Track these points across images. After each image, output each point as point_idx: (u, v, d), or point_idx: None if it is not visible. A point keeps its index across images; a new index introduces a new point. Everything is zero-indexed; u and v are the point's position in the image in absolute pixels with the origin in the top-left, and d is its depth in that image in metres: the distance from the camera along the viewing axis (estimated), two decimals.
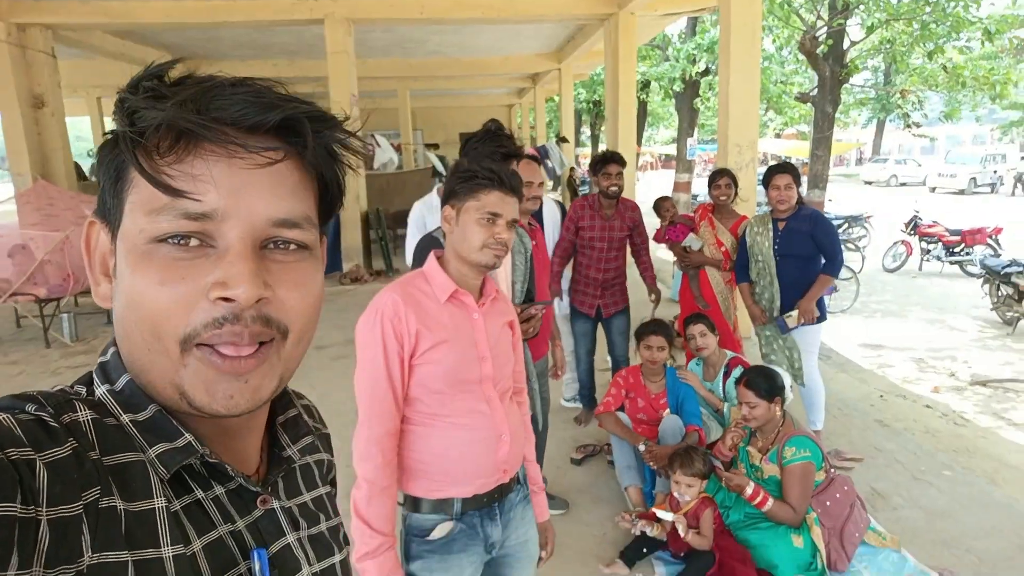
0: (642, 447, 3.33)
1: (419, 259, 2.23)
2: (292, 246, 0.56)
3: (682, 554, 2.93)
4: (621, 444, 3.48)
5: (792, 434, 3.03)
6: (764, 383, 3.03)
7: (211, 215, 0.52)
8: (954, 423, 5.46)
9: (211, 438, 0.59)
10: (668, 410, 3.58)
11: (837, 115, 12.24)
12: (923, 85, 12.80)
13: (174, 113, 0.50)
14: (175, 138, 0.51)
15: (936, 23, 10.00)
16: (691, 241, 4.56)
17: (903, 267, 11.44)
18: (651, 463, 3.28)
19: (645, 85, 16.93)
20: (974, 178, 25.24)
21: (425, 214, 4.27)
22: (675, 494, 2.98)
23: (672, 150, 37.73)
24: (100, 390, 0.57)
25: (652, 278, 4.50)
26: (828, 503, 3.03)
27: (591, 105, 23.33)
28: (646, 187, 25.00)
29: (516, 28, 11.12)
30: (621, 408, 3.67)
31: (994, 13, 10.79)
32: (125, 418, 0.55)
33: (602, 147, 27.26)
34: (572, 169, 13.73)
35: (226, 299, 0.52)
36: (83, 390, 0.58)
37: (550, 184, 16.92)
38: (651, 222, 4.99)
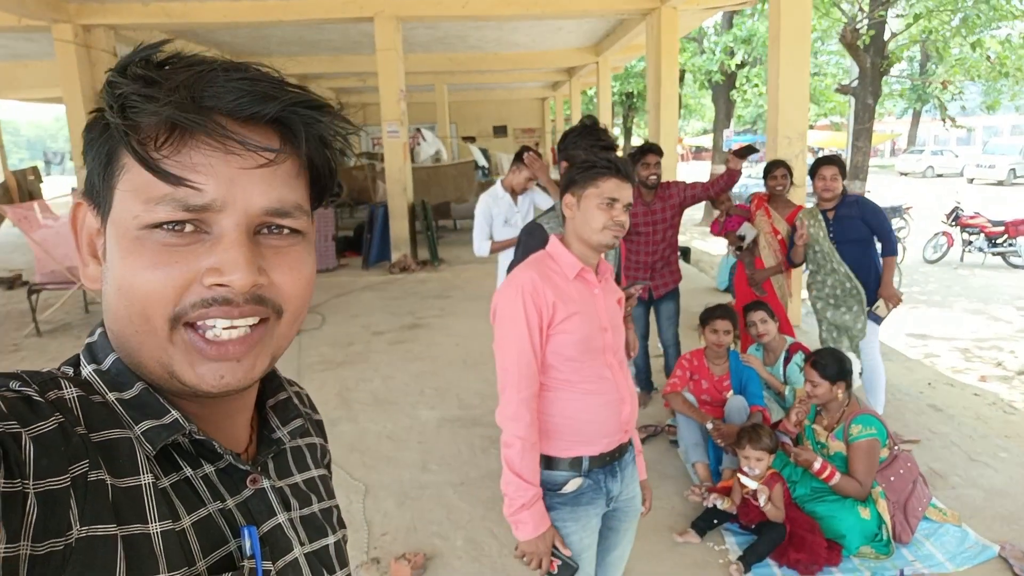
0: (710, 425, 3.51)
1: (524, 242, 2.44)
2: (285, 230, 0.58)
3: (753, 526, 3.11)
4: (688, 422, 3.66)
5: (858, 412, 3.19)
6: (832, 365, 3.20)
7: (210, 206, 0.53)
8: (1003, 411, 5.55)
9: (200, 418, 0.59)
10: (732, 391, 3.76)
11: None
12: (965, 76, 12.70)
13: (171, 111, 0.50)
14: (170, 128, 0.52)
15: (978, 15, 9.95)
16: (746, 230, 4.71)
17: (944, 258, 11.41)
18: (719, 440, 3.46)
19: (680, 77, 16.96)
20: (1013, 169, 24.81)
21: (491, 204, 4.48)
22: (744, 468, 3.15)
23: (702, 141, 37.58)
24: (86, 370, 0.58)
25: (728, 184, 4.37)
26: (892, 478, 3.19)
27: (624, 97, 23.34)
28: (680, 178, 24.98)
29: (557, 23, 11.27)
30: (686, 389, 3.85)
31: None
32: (111, 396, 0.56)
33: (635, 139, 27.26)
34: None
35: (220, 284, 0.53)
36: (70, 370, 0.58)
37: None
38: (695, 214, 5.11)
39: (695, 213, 15.52)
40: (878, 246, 4.12)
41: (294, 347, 6.41)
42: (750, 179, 15.20)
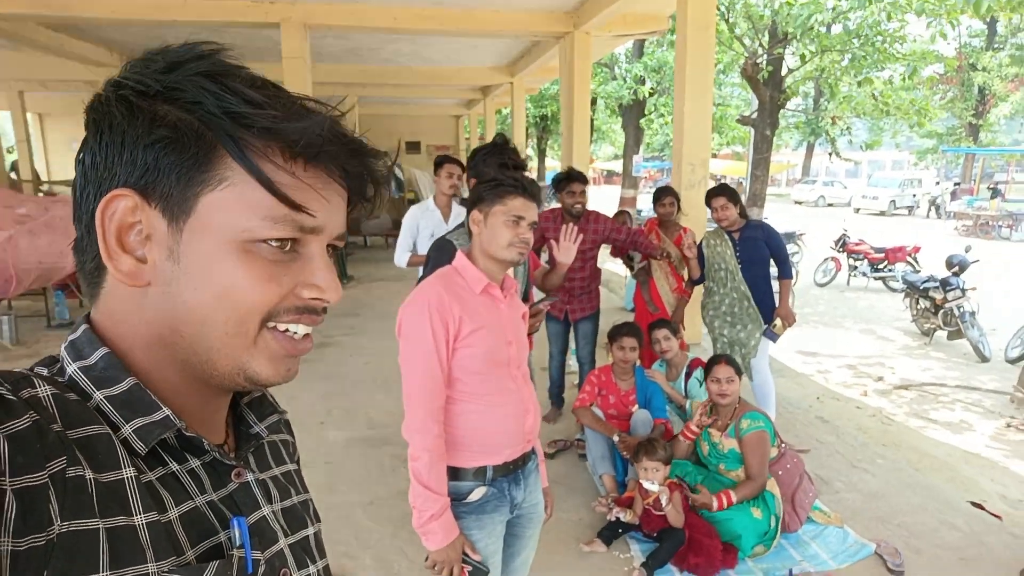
0: (616, 438, 3.64)
1: (434, 258, 2.47)
2: (331, 250, 0.64)
3: (655, 533, 3.23)
4: (596, 436, 3.78)
5: (747, 410, 3.43)
6: (734, 361, 3.48)
7: (318, 230, 0.59)
8: (881, 422, 6.00)
9: (185, 413, 0.60)
10: (637, 405, 3.90)
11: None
12: (852, 112, 13.74)
13: (313, 141, 0.56)
14: (291, 155, 0.56)
15: (865, 56, 10.82)
16: (634, 252, 4.88)
17: (832, 282, 12.22)
18: (624, 452, 3.59)
19: (593, 102, 17.50)
20: (894, 200, 26.90)
21: (419, 217, 4.48)
22: (642, 481, 3.28)
23: (613, 166, 38.78)
24: (71, 368, 0.57)
25: (653, 246, 4.57)
26: (780, 472, 3.42)
27: (539, 119, 23.80)
28: (593, 202, 25.63)
29: (472, 41, 11.39)
30: (593, 404, 3.97)
31: (916, 49, 11.75)
32: (98, 395, 0.56)
33: (549, 161, 27.80)
34: None
35: (317, 299, 0.60)
36: (43, 371, 0.58)
37: None
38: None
39: None
40: (773, 270, 4.40)
41: None
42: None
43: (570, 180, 4.35)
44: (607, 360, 4.16)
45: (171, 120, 0.54)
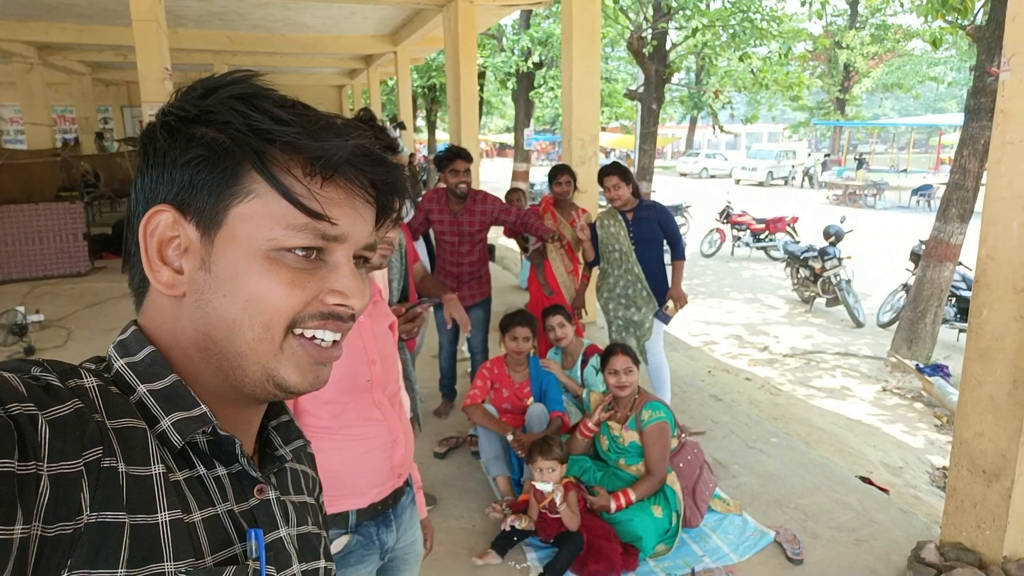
0: (510, 436, 3.39)
1: None
2: (362, 260, 0.65)
3: (552, 540, 3.02)
4: (488, 435, 3.51)
5: (647, 400, 3.26)
6: (631, 350, 3.30)
7: (340, 239, 0.60)
8: (770, 392, 6.12)
9: (218, 420, 0.61)
10: (532, 398, 3.67)
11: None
12: (732, 87, 14.10)
13: (331, 156, 0.58)
14: (312, 168, 0.58)
15: (744, 32, 11.05)
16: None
17: (718, 252, 12.57)
18: (519, 452, 3.35)
19: (481, 75, 17.09)
20: (771, 171, 28.26)
21: None
22: (535, 483, 3.05)
23: (505, 138, 38.55)
24: (118, 363, 0.60)
25: (546, 230, 4.37)
26: (681, 464, 3.29)
27: (426, 90, 23.14)
28: (486, 174, 25.34)
29: (349, 7, 10.71)
30: (486, 400, 3.70)
31: (791, 27, 12.13)
32: (142, 388, 0.58)
33: (440, 133, 27.18)
34: (412, 155, 13.54)
35: (341, 305, 0.61)
36: (91, 366, 0.60)
37: None
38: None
39: None
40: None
41: None
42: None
43: (453, 158, 4.01)
44: (501, 348, 3.89)
45: (205, 140, 0.58)
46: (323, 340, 0.61)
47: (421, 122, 28.77)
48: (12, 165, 10.34)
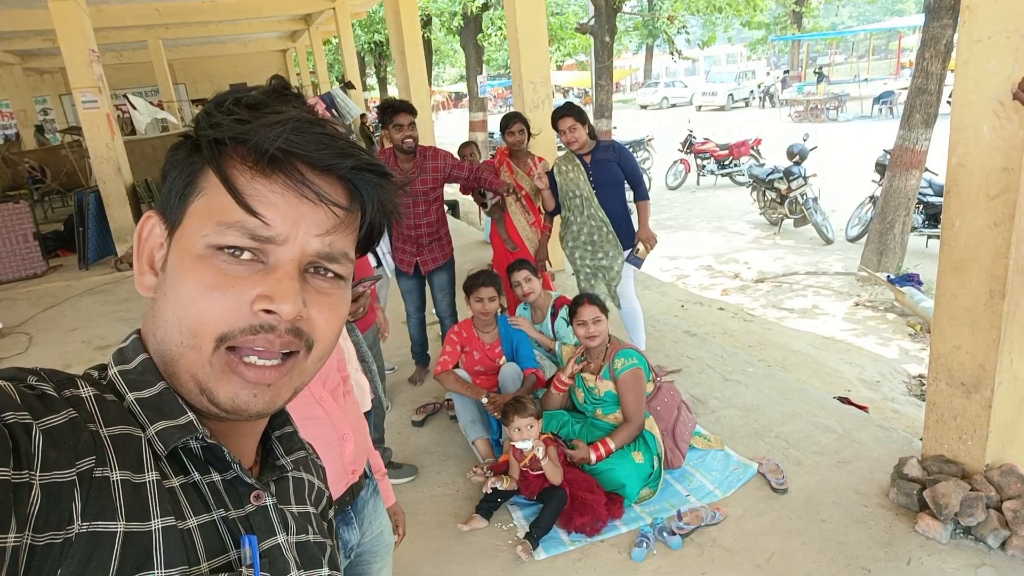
0: (484, 400, 3.32)
1: None
2: (330, 274, 0.61)
3: (535, 497, 2.99)
4: (463, 400, 3.44)
5: (619, 348, 3.21)
6: (598, 299, 3.22)
7: (273, 239, 0.56)
8: (744, 320, 6.13)
9: (213, 432, 0.60)
10: (504, 358, 3.60)
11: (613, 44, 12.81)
12: (687, 10, 13.77)
13: (259, 145, 0.55)
14: (255, 163, 0.56)
15: None
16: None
17: (683, 184, 12.49)
18: (495, 413, 3.28)
19: (427, 22, 16.53)
20: (731, 94, 27.99)
21: None
22: (514, 443, 3.00)
23: (461, 88, 37.68)
24: (112, 370, 0.60)
25: (500, 183, 4.20)
26: (658, 408, 3.26)
27: (373, 46, 22.40)
28: (442, 128, 24.82)
29: None
30: (457, 365, 3.62)
31: None
32: (130, 396, 0.57)
33: (392, 89, 26.43)
34: (363, 116, 13.12)
35: (268, 311, 0.56)
36: (95, 373, 0.61)
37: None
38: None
39: None
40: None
41: None
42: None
43: (395, 111, 3.78)
44: (468, 310, 3.79)
45: (181, 143, 0.60)
46: (253, 362, 0.57)
47: (373, 80, 27.95)
48: None
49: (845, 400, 3.79)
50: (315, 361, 0.62)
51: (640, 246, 4.06)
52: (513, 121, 4.44)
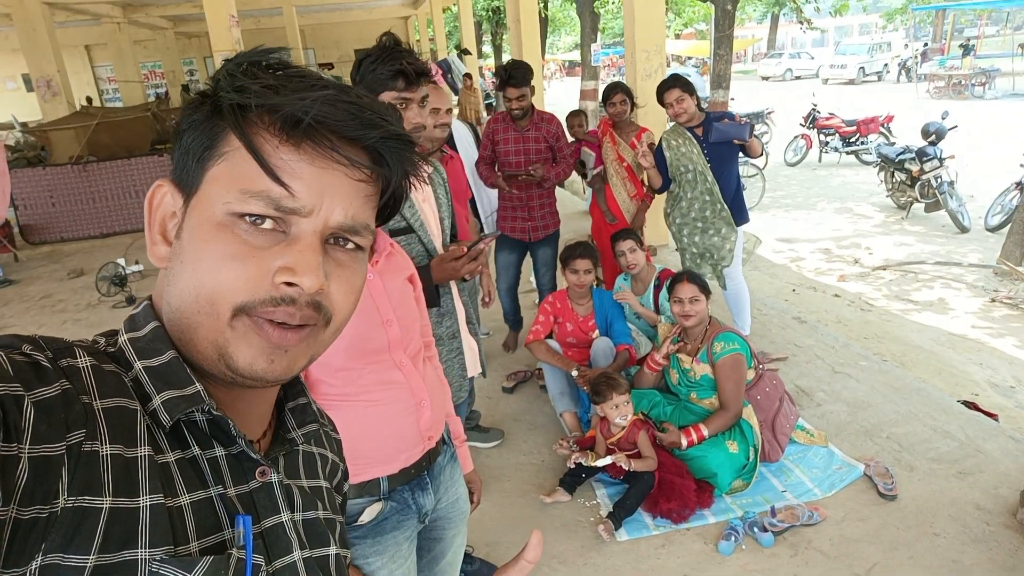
0: (575, 372, 3.26)
1: None
2: (351, 245, 0.60)
3: (622, 476, 2.91)
4: (553, 371, 3.40)
5: (719, 331, 3.05)
6: (700, 278, 3.09)
7: (298, 210, 0.56)
8: (861, 309, 5.72)
9: (220, 403, 0.59)
10: (597, 331, 3.51)
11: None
12: None
13: (291, 112, 0.54)
14: (282, 130, 0.55)
15: None
16: (585, 156, 4.49)
17: (804, 160, 11.76)
18: (585, 387, 3.22)
19: None
20: (863, 67, 26.05)
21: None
22: (617, 420, 2.92)
23: (575, 56, 37.08)
24: (122, 338, 0.59)
25: (556, 174, 4.02)
26: (759, 397, 3.09)
27: (490, 13, 22.39)
28: (553, 96, 24.57)
29: None
30: (550, 335, 3.57)
31: None
32: (138, 365, 0.56)
33: (506, 57, 26.39)
34: (467, 75, 13.10)
35: (290, 284, 0.54)
36: (102, 340, 0.60)
37: (455, 100, 16.22)
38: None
39: None
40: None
41: None
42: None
43: (504, 85, 3.75)
44: (563, 281, 3.71)
45: (198, 103, 0.58)
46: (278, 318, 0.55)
47: (488, 47, 28.05)
48: (110, 123, 10.88)
49: (971, 405, 3.45)
50: (332, 332, 0.61)
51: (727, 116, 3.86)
52: (614, 92, 4.27)
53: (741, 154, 3.85)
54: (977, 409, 3.40)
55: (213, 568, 0.53)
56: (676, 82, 3.75)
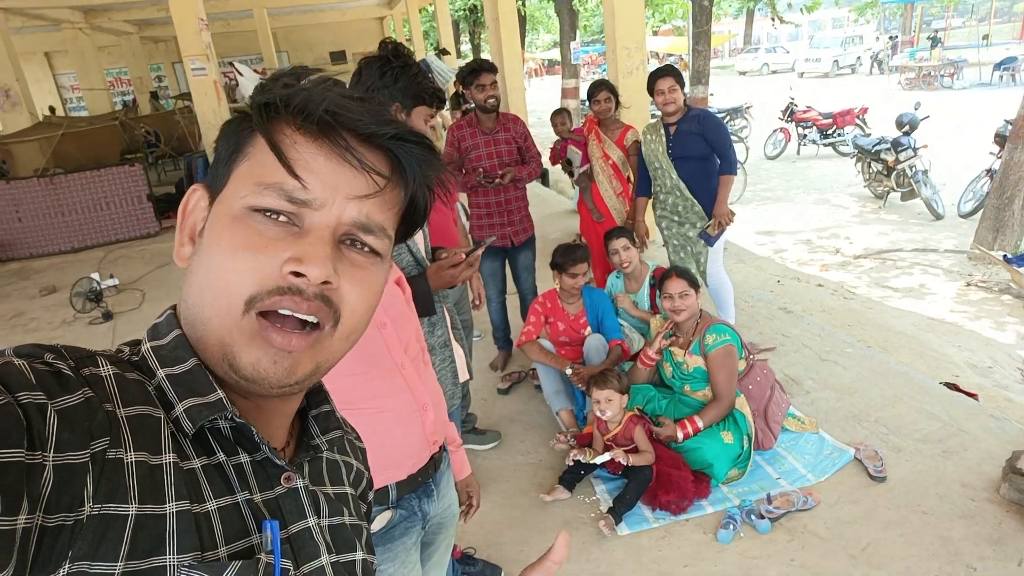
0: (569, 371, 3.31)
1: None
2: (366, 248, 0.60)
3: (620, 471, 2.97)
4: (547, 371, 3.45)
5: (710, 323, 3.12)
6: (688, 272, 3.15)
7: (310, 203, 0.57)
8: (844, 297, 5.84)
9: (241, 411, 0.59)
10: (589, 329, 3.57)
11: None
12: None
13: (305, 110, 0.57)
14: (300, 125, 0.57)
15: None
16: (571, 154, 4.55)
17: (783, 153, 11.93)
18: (580, 385, 3.28)
19: None
20: (836, 60, 26.39)
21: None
22: (597, 414, 2.98)
23: (555, 54, 37.16)
24: (145, 346, 0.59)
25: (529, 174, 3.96)
26: (750, 387, 3.17)
27: (468, 12, 22.39)
28: (533, 94, 24.62)
29: None
30: (542, 335, 3.62)
31: None
32: (161, 373, 0.57)
33: (485, 57, 26.39)
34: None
35: (297, 274, 0.55)
36: (126, 349, 0.61)
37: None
38: (549, 135, 4.84)
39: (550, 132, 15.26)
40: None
41: (107, 334, 5.64)
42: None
43: (476, 72, 3.69)
44: (554, 282, 3.76)
45: (233, 118, 0.62)
46: (286, 312, 0.56)
47: (466, 47, 28.00)
48: (76, 133, 10.62)
49: (952, 386, 3.56)
50: (342, 338, 0.61)
51: (711, 221, 3.91)
52: (599, 89, 4.33)
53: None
54: (958, 390, 3.51)
55: (242, 572, 0.53)
56: (671, 72, 3.82)
